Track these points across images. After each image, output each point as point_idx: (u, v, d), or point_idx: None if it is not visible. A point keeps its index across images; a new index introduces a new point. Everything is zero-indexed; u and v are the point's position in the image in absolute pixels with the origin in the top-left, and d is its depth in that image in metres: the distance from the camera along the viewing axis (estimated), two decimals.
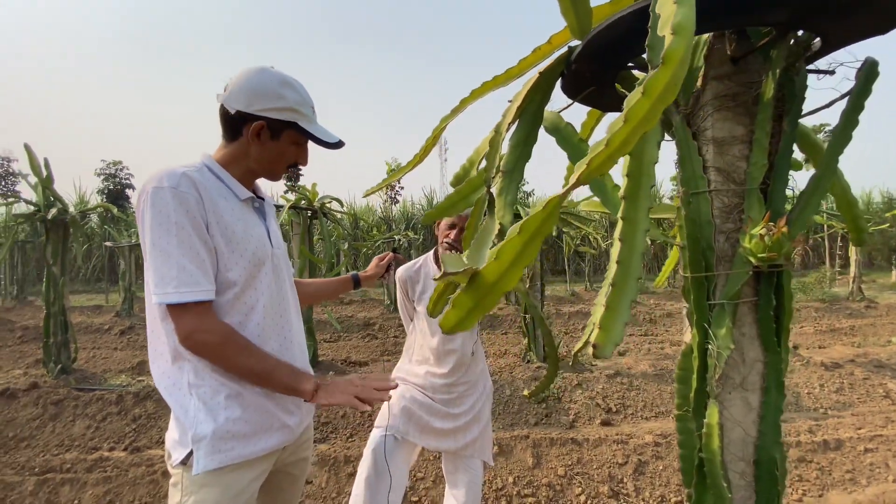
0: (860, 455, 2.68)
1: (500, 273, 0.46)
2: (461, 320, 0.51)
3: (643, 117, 0.37)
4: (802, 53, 0.84)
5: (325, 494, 2.40)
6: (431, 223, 1.60)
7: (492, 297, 0.49)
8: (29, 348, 5.73)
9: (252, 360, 0.97)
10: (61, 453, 2.94)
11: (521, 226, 0.43)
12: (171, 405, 1.00)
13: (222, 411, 0.98)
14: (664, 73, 0.36)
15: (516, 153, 0.93)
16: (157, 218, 0.92)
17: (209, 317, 0.95)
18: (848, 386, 3.84)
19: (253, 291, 1.04)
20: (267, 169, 1.11)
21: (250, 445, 1.00)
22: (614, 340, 0.47)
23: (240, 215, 1.05)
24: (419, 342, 1.70)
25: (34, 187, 4.16)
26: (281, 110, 1.04)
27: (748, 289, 0.87)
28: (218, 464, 0.96)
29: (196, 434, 0.96)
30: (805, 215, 0.87)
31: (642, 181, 0.52)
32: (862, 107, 0.90)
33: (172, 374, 1.00)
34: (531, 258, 0.47)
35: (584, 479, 2.51)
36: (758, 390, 0.88)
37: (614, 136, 0.37)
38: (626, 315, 0.48)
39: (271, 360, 0.99)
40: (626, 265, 0.49)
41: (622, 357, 4.93)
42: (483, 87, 1.08)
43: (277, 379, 0.99)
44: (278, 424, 1.05)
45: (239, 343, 0.97)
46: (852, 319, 6.85)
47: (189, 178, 0.96)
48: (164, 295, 0.92)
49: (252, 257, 1.03)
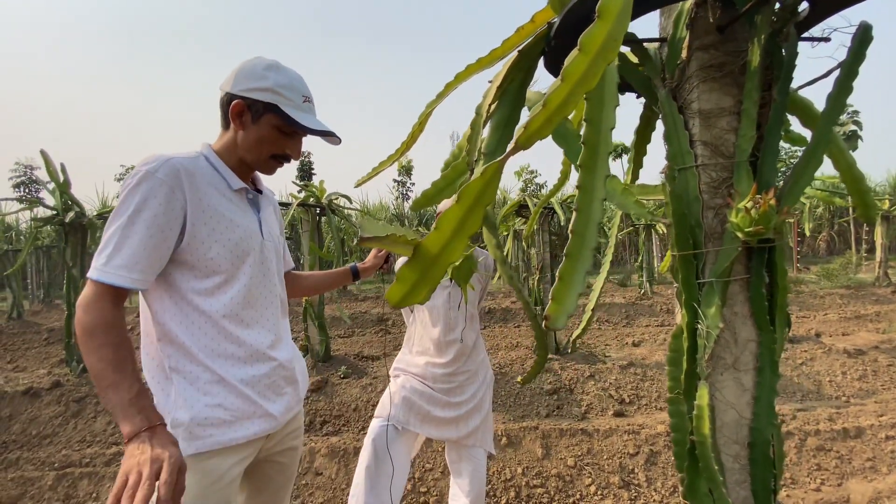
0: (881, 443, 2.59)
1: (442, 244, 0.45)
2: (406, 294, 0.50)
3: (581, 76, 0.35)
4: (790, 18, 0.81)
5: (334, 486, 2.42)
6: (420, 210, 1.59)
7: (436, 269, 0.47)
8: (54, 349, 5.92)
9: (99, 366, 0.86)
10: (82, 448, 3.03)
11: (459, 194, 0.42)
12: (153, 388, 1.00)
13: (201, 397, 0.98)
14: (601, 28, 0.35)
15: (497, 135, 0.91)
16: (125, 197, 0.93)
17: (102, 301, 0.90)
18: (871, 373, 3.71)
19: (235, 280, 1.04)
20: (252, 157, 1.07)
21: (230, 432, 1.00)
22: (567, 311, 0.46)
23: (229, 205, 1.05)
24: (419, 333, 1.70)
25: (52, 192, 4.28)
26: (262, 91, 1.01)
27: (739, 266, 0.84)
28: (195, 450, 0.96)
29: (174, 419, 0.96)
30: (798, 188, 0.83)
31: (599, 148, 0.50)
32: (856, 73, 0.85)
33: (156, 358, 1.00)
34: (474, 228, 0.45)
35: (595, 470, 2.48)
36: (751, 371, 0.85)
37: (551, 96, 0.35)
38: (581, 286, 0.47)
39: (120, 374, 0.86)
40: (582, 235, 0.47)
41: (637, 348, 4.86)
42: (467, 70, 1.06)
43: (109, 397, 0.84)
44: (260, 412, 1.04)
45: (100, 341, 0.87)
46: (878, 305, 6.62)
47: (172, 164, 0.96)
48: (93, 269, 0.91)
49: (235, 247, 1.03)
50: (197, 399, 0.98)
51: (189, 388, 0.98)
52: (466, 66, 1.06)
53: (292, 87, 1.05)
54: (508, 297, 8.11)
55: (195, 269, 0.99)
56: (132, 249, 0.92)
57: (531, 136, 0.37)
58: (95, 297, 0.90)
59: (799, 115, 0.98)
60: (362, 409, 3.44)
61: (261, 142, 1.06)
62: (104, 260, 0.91)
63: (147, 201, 0.93)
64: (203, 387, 0.99)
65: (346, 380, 3.96)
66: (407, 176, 16.30)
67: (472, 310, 1.70)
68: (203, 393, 0.98)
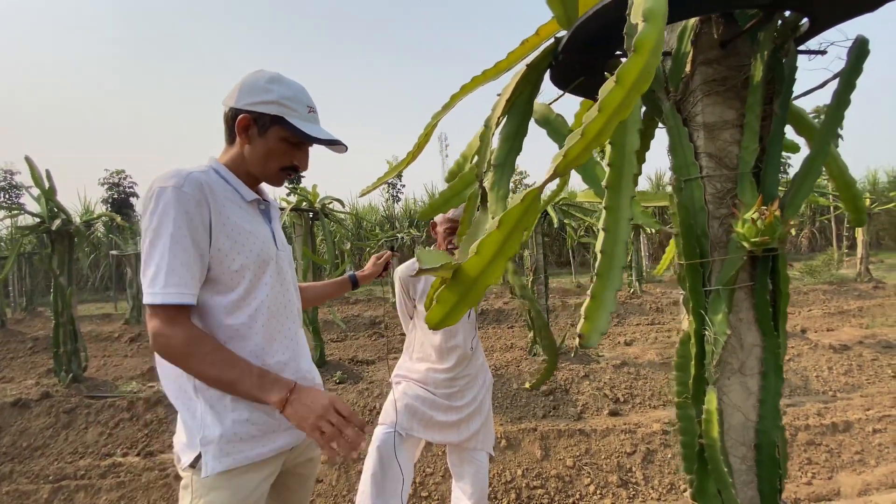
0: (869, 436, 2.67)
1: (482, 268, 0.47)
2: (446, 315, 0.51)
3: (617, 106, 0.37)
4: (790, 34, 0.84)
5: (335, 493, 2.42)
6: (427, 220, 1.60)
7: (475, 292, 0.49)
8: (40, 359, 5.80)
9: (215, 370, 0.92)
10: (75, 460, 2.98)
11: (500, 220, 0.43)
12: (179, 409, 1.01)
13: (229, 413, 0.98)
14: (636, 62, 0.36)
15: (507, 146, 0.92)
16: (158, 217, 0.93)
17: (179, 321, 0.93)
18: (856, 367, 3.82)
19: (257, 292, 1.04)
20: (260, 170, 1.09)
21: (258, 447, 1.01)
22: (600, 330, 0.47)
23: (246, 216, 1.06)
24: (419, 340, 1.71)
25: (37, 199, 4.20)
26: (267, 103, 1.03)
27: (744, 274, 0.87)
28: (226, 466, 0.97)
29: (204, 437, 0.97)
30: (799, 198, 0.86)
31: (624, 170, 0.52)
32: (853, 86, 0.89)
33: (179, 378, 1.00)
34: (513, 251, 0.47)
35: (593, 470, 2.51)
36: (756, 375, 0.88)
37: (589, 127, 0.37)
38: (612, 305, 0.48)
39: (236, 368, 0.93)
40: (610, 255, 0.49)
41: (629, 347, 4.92)
42: (473, 82, 1.08)
43: (242, 389, 0.93)
44: (285, 425, 1.05)
45: (203, 350, 0.92)
46: (860, 301, 6.79)
47: (195, 178, 0.97)
48: (151, 295, 0.92)
49: (257, 258, 1.04)
50: (225, 416, 0.98)
51: (216, 404, 0.98)
52: (472, 78, 1.08)
53: (297, 99, 1.07)
54: (501, 298, 8.15)
55: (219, 283, 1.00)
56: (184, 266, 0.93)
57: (569, 163, 0.39)
58: (170, 321, 0.92)
59: (792, 123, 1.02)
60: (359, 414, 3.43)
61: (269, 154, 1.07)
62: (162, 282, 0.91)
63: (182, 217, 0.93)
64: (230, 403, 0.99)
65: (343, 385, 3.95)
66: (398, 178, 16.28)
67: (471, 315, 1.72)
68: (230, 409, 0.99)
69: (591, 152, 0.40)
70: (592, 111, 0.37)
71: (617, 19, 0.78)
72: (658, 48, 0.37)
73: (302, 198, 4.22)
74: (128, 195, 19.14)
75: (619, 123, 0.46)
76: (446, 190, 1.13)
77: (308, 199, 4.18)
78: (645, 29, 0.36)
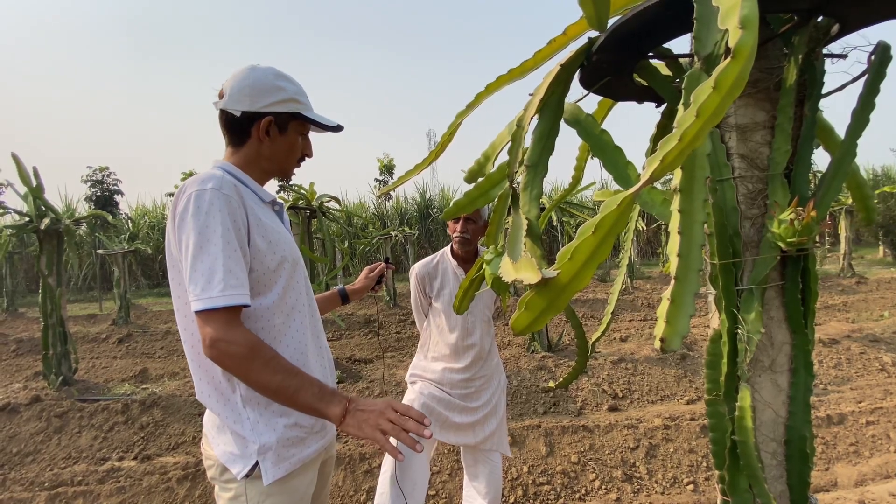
0: (862, 428, 2.75)
1: (574, 273, 0.47)
2: (533, 321, 0.51)
3: (714, 111, 0.37)
4: (822, 38, 0.85)
5: (342, 493, 2.41)
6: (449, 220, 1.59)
7: (564, 298, 0.49)
8: (25, 361, 5.65)
9: (277, 378, 0.89)
10: (69, 466, 2.92)
11: (596, 225, 0.43)
12: (224, 418, 0.98)
13: (280, 419, 0.99)
14: (735, 67, 0.36)
15: (540, 146, 0.93)
16: (204, 220, 0.90)
17: (237, 325, 0.91)
18: (845, 361, 3.92)
19: (292, 292, 1.05)
20: (280, 166, 1.11)
21: (307, 448, 1.02)
22: (681, 333, 0.48)
23: (269, 217, 1.06)
24: (435, 339, 1.71)
25: (24, 197, 4.08)
26: (284, 102, 1.04)
27: (774, 273, 0.88)
28: (285, 471, 0.97)
29: (263, 445, 0.96)
30: (828, 198, 0.88)
31: (696, 173, 0.52)
32: (878, 90, 0.91)
33: (222, 387, 0.99)
34: (604, 256, 0.47)
35: (598, 465, 2.54)
36: (786, 372, 0.90)
37: (686, 132, 0.37)
38: (691, 307, 0.49)
39: (297, 377, 0.91)
40: (687, 258, 0.49)
41: (625, 343, 4.98)
42: (498, 81, 1.08)
43: (303, 400, 0.90)
44: (321, 423, 1.07)
45: (265, 356, 0.90)
46: (844, 296, 6.98)
47: (227, 180, 0.96)
48: (210, 299, 0.88)
49: (289, 256, 1.04)
50: (277, 421, 0.98)
51: (265, 411, 0.98)
52: (497, 77, 1.08)
53: (302, 92, 1.09)
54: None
55: (259, 283, 0.99)
56: (238, 266, 0.91)
57: (665, 168, 0.39)
58: (229, 325, 0.88)
59: (820, 137, 1.03)
60: None
61: (291, 149, 1.10)
62: (221, 284, 0.88)
63: (228, 219, 0.92)
64: (277, 408, 0.99)
65: (342, 384, 3.93)
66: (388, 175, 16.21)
67: (487, 314, 1.72)
68: (279, 414, 0.99)
69: (685, 156, 0.40)
70: (689, 116, 0.37)
71: (657, 20, 0.79)
72: (753, 54, 0.37)
73: (298, 195, 4.17)
74: (112, 193, 18.71)
75: None
76: (472, 189, 1.13)
77: (305, 196, 4.14)
78: (744, 35, 0.36)
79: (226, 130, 1.07)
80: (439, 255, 1.74)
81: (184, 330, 1.01)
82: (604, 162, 0.98)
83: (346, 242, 5.13)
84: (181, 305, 1.00)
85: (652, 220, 12.67)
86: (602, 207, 0.43)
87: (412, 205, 16.58)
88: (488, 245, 1.03)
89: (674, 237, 0.50)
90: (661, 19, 0.77)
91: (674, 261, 0.49)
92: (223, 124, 1.06)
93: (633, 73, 1.02)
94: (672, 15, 0.75)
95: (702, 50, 0.50)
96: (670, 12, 0.73)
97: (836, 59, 0.96)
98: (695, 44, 0.51)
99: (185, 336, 1.01)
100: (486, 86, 1.09)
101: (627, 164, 0.93)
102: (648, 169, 0.39)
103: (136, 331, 6.86)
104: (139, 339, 6.47)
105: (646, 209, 0.92)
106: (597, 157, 0.98)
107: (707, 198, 0.52)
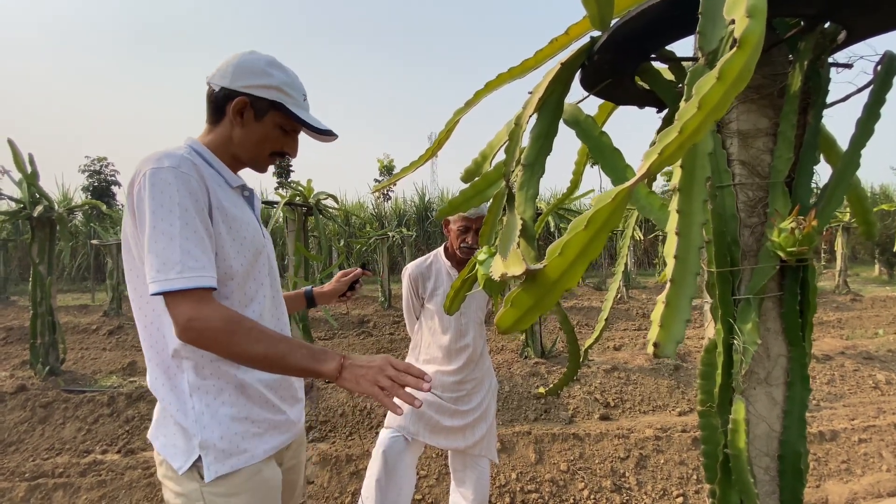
0: (854, 445, 2.73)
1: (564, 270, 0.44)
2: (519, 319, 0.49)
3: (717, 103, 0.35)
4: (829, 45, 0.83)
5: (327, 494, 2.37)
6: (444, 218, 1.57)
7: (552, 296, 0.47)
8: (14, 349, 5.58)
9: (262, 345, 0.85)
10: (52, 457, 2.87)
11: (589, 219, 0.41)
12: (169, 408, 0.94)
13: (228, 409, 0.94)
14: (741, 57, 0.34)
15: (537, 146, 0.91)
16: (159, 199, 0.85)
17: (210, 302, 0.86)
18: (839, 378, 3.91)
19: (252, 282, 1.00)
20: (251, 155, 1.04)
21: (262, 444, 0.97)
22: (675, 338, 0.45)
23: (235, 202, 1.01)
24: (427, 340, 1.68)
25: (19, 184, 4.04)
26: (266, 88, 0.98)
27: (772, 283, 0.86)
28: (230, 468, 0.92)
29: (204, 441, 0.91)
30: (829, 209, 0.86)
31: (696, 172, 0.50)
32: (883, 100, 0.89)
33: (170, 374, 0.94)
34: (597, 253, 0.45)
35: (587, 474, 2.52)
36: (781, 385, 0.88)
37: (687, 124, 0.35)
38: (687, 312, 0.47)
39: (283, 341, 0.88)
40: (684, 260, 0.47)
41: (618, 352, 4.96)
42: (499, 79, 1.06)
43: (294, 363, 0.87)
44: (281, 419, 1.02)
45: (245, 326, 0.86)
46: (839, 312, 6.98)
47: (188, 160, 0.91)
48: (167, 281, 0.83)
49: (250, 246, 0.99)
50: (224, 413, 0.93)
51: (213, 402, 0.93)
52: (497, 76, 1.06)
53: (294, 86, 1.03)
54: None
55: (217, 271, 0.93)
56: (200, 248, 0.86)
57: (664, 161, 0.37)
58: (200, 303, 0.84)
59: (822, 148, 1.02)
60: (349, 415, 3.38)
61: (264, 140, 1.03)
62: (179, 266, 0.83)
63: (187, 199, 0.87)
64: (229, 398, 0.94)
65: (332, 384, 3.89)
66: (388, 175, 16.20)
67: (480, 315, 1.69)
68: (230, 405, 0.94)
69: (685, 150, 0.38)
70: (690, 108, 0.35)
71: (660, 20, 0.78)
72: (759, 44, 0.35)
73: (295, 192, 4.15)
74: (109, 183, 18.63)
75: None
76: (468, 188, 1.11)
77: (302, 193, 4.11)
78: (750, 24, 0.34)
79: (207, 105, 1.02)
80: (433, 256, 1.72)
81: (138, 310, 0.96)
82: (602, 164, 0.96)
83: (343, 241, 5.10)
84: (135, 288, 0.95)
85: (649, 230, 12.69)
86: (596, 201, 0.41)
87: (411, 206, 16.57)
88: (481, 245, 1.00)
89: (671, 238, 0.48)
90: (665, 19, 0.75)
91: (670, 263, 0.47)
92: (206, 99, 1.02)
93: (635, 76, 1.00)
94: (676, 15, 0.73)
95: (706, 46, 0.48)
96: (675, 12, 0.72)
97: (841, 68, 0.95)
98: (699, 39, 0.49)
99: (138, 316, 0.96)
100: (485, 84, 1.07)
101: (626, 166, 0.91)
102: (646, 162, 0.37)
103: (127, 323, 6.80)
104: (130, 331, 6.41)
105: (643, 213, 0.90)
106: (595, 158, 0.96)
107: (707, 199, 0.50)
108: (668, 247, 0.48)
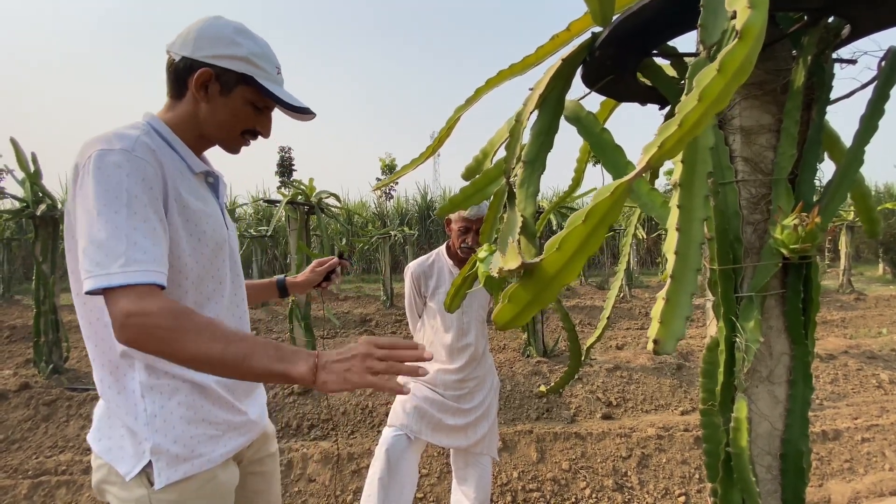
0: (857, 445, 2.71)
1: (562, 265, 0.44)
2: (517, 315, 0.48)
3: (718, 96, 0.35)
4: (833, 40, 0.83)
5: (328, 492, 2.37)
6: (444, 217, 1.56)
7: (551, 291, 0.46)
8: (18, 348, 5.61)
9: (218, 345, 0.72)
10: (55, 455, 2.88)
11: (587, 213, 0.41)
12: (117, 410, 0.86)
13: (185, 411, 0.87)
14: (742, 49, 0.34)
15: (538, 143, 0.90)
16: (105, 184, 0.75)
17: (154, 297, 0.74)
18: (842, 377, 3.89)
19: (210, 280, 0.92)
20: (219, 134, 0.94)
21: (219, 447, 0.91)
22: (676, 335, 0.45)
23: (195, 191, 0.91)
24: (429, 339, 1.68)
25: (21, 183, 4.06)
26: (233, 59, 0.88)
27: (775, 281, 0.86)
28: (183, 474, 0.85)
29: (155, 445, 0.83)
30: (833, 206, 0.86)
31: (697, 167, 0.49)
32: (887, 96, 0.88)
33: (119, 375, 0.86)
34: (595, 248, 0.44)
35: (589, 473, 2.51)
36: (784, 383, 0.87)
37: (687, 117, 0.34)
38: (687, 308, 0.46)
39: (244, 341, 0.74)
40: (685, 256, 0.46)
41: (620, 351, 4.95)
42: (499, 76, 1.05)
43: (258, 365, 0.72)
44: (241, 420, 0.96)
45: (196, 322, 0.73)
46: (843, 312, 6.95)
47: (144, 142, 0.82)
48: (107, 276, 0.72)
49: (210, 240, 0.91)
50: (177, 417, 0.86)
51: (167, 403, 0.86)
52: (499, 72, 1.06)
53: (266, 57, 0.93)
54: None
55: (171, 266, 0.85)
56: (149, 240, 0.76)
57: (663, 155, 0.36)
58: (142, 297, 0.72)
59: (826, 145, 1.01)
60: (351, 413, 3.39)
61: (233, 117, 0.93)
62: (122, 260, 0.73)
63: (138, 185, 0.78)
64: (184, 399, 0.87)
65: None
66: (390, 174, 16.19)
67: (482, 314, 1.69)
68: (185, 406, 0.87)
69: (685, 144, 0.38)
70: (690, 101, 0.35)
71: (660, 15, 0.77)
72: (761, 35, 0.35)
73: (298, 191, 4.15)
74: None
75: None
76: (468, 186, 1.10)
77: (304, 192, 4.12)
78: (752, 15, 0.34)
79: (167, 77, 0.92)
80: (435, 254, 1.72)
81: (82, 305, 0.88)
82: (603, 161, 0.96)
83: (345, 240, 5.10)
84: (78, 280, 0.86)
85: (652, 229, 12.65)
86: (595, 195, 0.41)
87: (413, 205, 16.56)
88: (481, 243, 1.00)
89: (671, 234, 0.47)
90: (667, 14, 0.75)
91: (671, 259, 0.46)
92: (166, 69, 0.91)
93: (637, 73, 0.99)
94: (678, 10, 0.73)
95: (708, 39, 0.47)
96: (676, 7, 0.71)
97: (845, 63, 0.94)
98: (701, 32, 0.49)
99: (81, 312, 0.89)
100: (486, 80, 1.07)
101: (628, 163, 0.90)
102: (645, 155, 0.37)
103: None
104: None
105: (645, 211, 0.89)
106: (596, 155, 0.96)
107: (708, 194, 0.50)
108: (669, 243, 0.48)
